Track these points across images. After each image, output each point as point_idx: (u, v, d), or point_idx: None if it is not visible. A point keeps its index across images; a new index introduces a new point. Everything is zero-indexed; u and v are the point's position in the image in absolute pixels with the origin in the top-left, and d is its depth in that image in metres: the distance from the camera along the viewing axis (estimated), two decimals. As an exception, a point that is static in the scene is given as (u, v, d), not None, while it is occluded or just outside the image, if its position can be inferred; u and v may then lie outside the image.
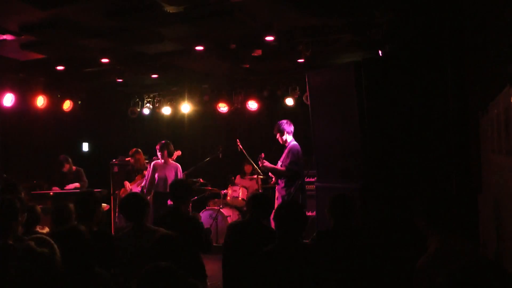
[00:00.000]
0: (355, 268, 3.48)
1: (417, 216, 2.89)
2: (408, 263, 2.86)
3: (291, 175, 6.41)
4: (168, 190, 7.39)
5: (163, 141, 7.67)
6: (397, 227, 4.07)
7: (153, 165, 7.67)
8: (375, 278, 3.47)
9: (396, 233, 3.95)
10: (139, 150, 8.52)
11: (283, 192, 6.44)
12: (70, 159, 8.12)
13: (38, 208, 4.31)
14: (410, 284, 2.71)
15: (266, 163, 6.67)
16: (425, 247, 2.81)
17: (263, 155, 6.83)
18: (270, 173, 7.07)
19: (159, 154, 7.61)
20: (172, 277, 2.29)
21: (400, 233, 2.95)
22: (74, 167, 8.14)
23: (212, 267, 4.54)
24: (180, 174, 7.60)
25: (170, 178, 7.51)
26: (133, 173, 8.43)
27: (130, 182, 8.34)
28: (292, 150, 6.46)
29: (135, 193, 4.67)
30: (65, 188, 7.87)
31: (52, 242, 2.65)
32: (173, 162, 7.69)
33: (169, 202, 7.45)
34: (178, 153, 8.05)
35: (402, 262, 2.79)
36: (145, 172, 8.05)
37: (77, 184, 7.95)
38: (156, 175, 7.58)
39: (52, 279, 2.56)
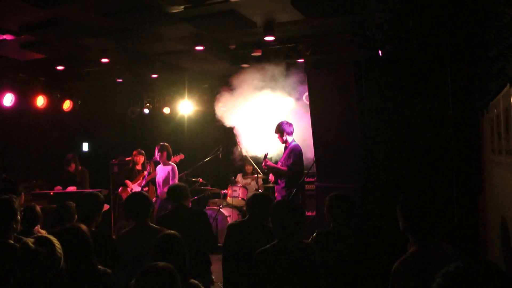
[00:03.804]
0: (355, 268, 3.48)
1: (398, 219, 2.90)
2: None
3: (293, 175, 6.42)
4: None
5: (163, 143, 7.70)
6: (397, 227, 4.07)
7: (157, 168, 7.81)
8: (375, 278, 3.47)
9: (396, 233, 3.95)
10: (142, 151, 8.51)
11: (284, 192, 6.45)
12: (77, 159, 8.08)
13: (38, 208, 4.30)
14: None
15: (269, 163, 6.71)
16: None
17: (267, 154, 6.84)
18: (270, 173, 7.08)
19: (157, 155, 7.64)
20: (169, 278, 2.28)
21: (400, 233, 2.95)
22: (80, 167, 8.07)
23: (212, 267, 4.54)
24: (175, 174, 7.63)
25: (165, 179, 7.57)
26: (133, 172, 8.41)
27: (131, 181, 8.34)
28: (294, 151, 6.49)
29: (140, 192, 4.65)
30: (67, 189, 7.83)
31: (53, 241, 2.64)
32: (169, 162, 7.72)
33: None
34: (181, 156, 8.04)
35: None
36: (145, 173, 8.07)
37: (74, 188, 7.88)
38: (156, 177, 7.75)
39: (53, 277, 2.55)
